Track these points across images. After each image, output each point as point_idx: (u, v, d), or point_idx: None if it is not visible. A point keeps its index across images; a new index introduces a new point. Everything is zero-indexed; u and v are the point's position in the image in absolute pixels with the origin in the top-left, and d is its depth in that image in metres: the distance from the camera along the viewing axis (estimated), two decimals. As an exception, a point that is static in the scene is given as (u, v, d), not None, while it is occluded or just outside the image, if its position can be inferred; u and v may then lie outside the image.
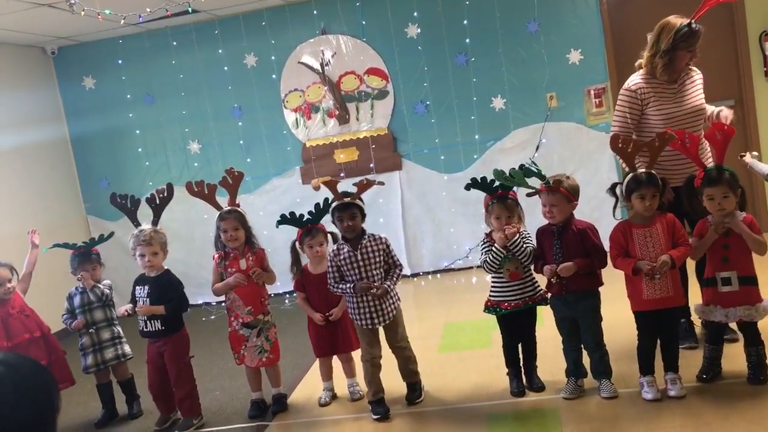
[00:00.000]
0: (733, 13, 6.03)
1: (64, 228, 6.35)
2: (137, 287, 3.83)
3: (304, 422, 3.70)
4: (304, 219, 3.71)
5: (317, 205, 3.71)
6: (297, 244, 3.78)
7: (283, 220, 3.72)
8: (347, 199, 3.58)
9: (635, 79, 3.84)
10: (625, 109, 3.82)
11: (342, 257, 3.57)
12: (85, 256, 4.07)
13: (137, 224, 3.89)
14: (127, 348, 4.15)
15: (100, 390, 4.15)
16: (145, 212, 3.99)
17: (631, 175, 3.31)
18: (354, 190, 3.63)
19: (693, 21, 3.66)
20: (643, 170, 3.30)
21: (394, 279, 3.61)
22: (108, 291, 4.11)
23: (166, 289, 3.77)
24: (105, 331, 4.07)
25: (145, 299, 3.77)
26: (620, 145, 3.34)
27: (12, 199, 6.08)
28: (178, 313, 3.81)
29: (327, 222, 3.76)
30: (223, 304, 3.99)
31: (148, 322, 3.76)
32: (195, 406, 3.85)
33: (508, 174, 3.42)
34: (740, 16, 6.04)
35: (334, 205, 3.60)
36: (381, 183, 3.86)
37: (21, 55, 6.53)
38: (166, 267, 3.86)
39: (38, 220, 6.25)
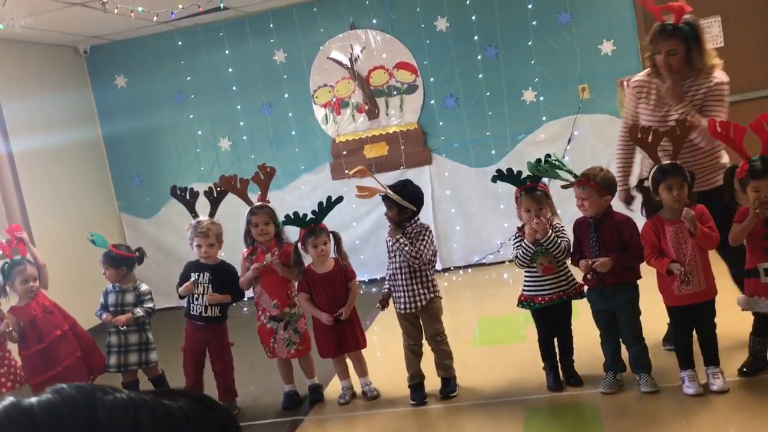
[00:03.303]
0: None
1: (98, 226, 6.38)
2: (194, 274, 3.89)
3: (339, 416, 3.70)
4: (307, 219, 3.71)
5: (320, 204, 3.72)
6: (299, 244, 3.77)
7: (288, 220, 3.73)
8: (382, 193, 3.67)
9: (639, 75, 3.72)
10: (626, 105, 3.76)
11: (387, 238, 3.72)
12: (105, 257, 4.04)
13: (195, 215, 4.00)
14: (152, 355, 4.07)
15: (127, 388, 4.14)
16: (177, 208, 4.06)
17: (655, 166, 3.23)
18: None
19: (676, 21, 3.38)
20: (668, 161, 3.22)
21: (414, 244, 3.58)
22: (144, 296, 4.03)
23: (227, 277, 3.91)
24: (133, 334, 4.02)
25: (206, 285, 3.84)
26: (640, 136, 3.26)
27: (46, 198, 6.17)
28: (236, 301, 4.00)
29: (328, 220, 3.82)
30: (252, 298, 4.03)
31: (209, 308, 3.84)
32: (234, 391, 4.01)
33: (541, 166, 3.38)
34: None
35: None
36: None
37: (54, 55, 6.61)
38: (220, 258, 3.97)
39: (72, 219, 6.34)
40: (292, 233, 4.02)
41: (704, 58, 3.40)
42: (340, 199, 3.76)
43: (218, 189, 4.09)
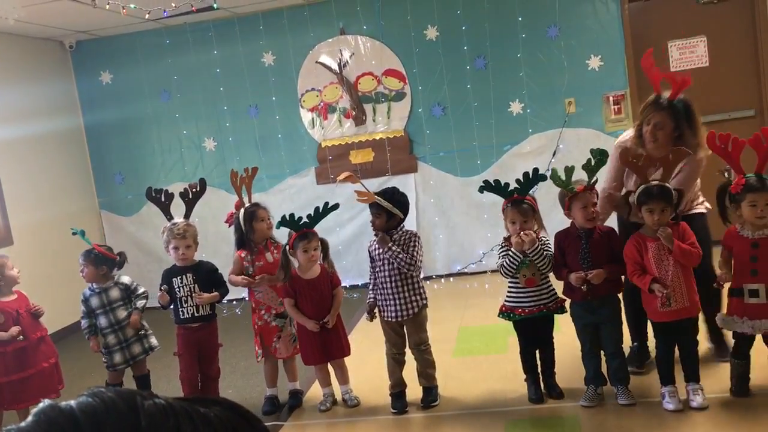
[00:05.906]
0: (754, 20, 5.98)
1: (78, 222, 6.27)
2: (175, 278, 3.80)
3: (319, 423, 3.67)
4: (301, 222, 3.67)
5: (316, 209, 3.68)
6: (288, 248, 3.72)
7: (283, 222, 3.68)
8: (371, 200, 3.64)
9: (626, 136, 3.64)
10: (611, 164, 3.55)
11: (372, 247, 3.71)
12: (87, 255, 3.96)
13: (170, 217, 3.93)
14: (153, 340, 4.04)
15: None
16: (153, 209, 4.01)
17: (642, 187, 3.25)
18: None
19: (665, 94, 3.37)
20: (656, 183, 3.24)
21: (405, 251, 3.57)
22: (131, 287, 4.00)
23: (212, 275, 3.87)
24: (129, 328, 3.94)
25: (192, 286, 3.78)
26: (630, 160, 3.28)
27: (26, 192, 6.08)
28: (224, 298, 3.99)
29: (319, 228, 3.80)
30: (244, 300, 4.00)
31: (200, 307, 3.80)
32: (217, 394, 3.94)
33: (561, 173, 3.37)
34: (763, 24, 5.99)
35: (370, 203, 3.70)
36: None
37: (39, 48, 6.52)
38: (197, 259, 3.92)
39: (52, 214, 6.25)
40: (278, 236, 4.01)
41: (696, 137, 3.38)
42: (336, 206, 3.73)
43: (194, 190, 4.04)
